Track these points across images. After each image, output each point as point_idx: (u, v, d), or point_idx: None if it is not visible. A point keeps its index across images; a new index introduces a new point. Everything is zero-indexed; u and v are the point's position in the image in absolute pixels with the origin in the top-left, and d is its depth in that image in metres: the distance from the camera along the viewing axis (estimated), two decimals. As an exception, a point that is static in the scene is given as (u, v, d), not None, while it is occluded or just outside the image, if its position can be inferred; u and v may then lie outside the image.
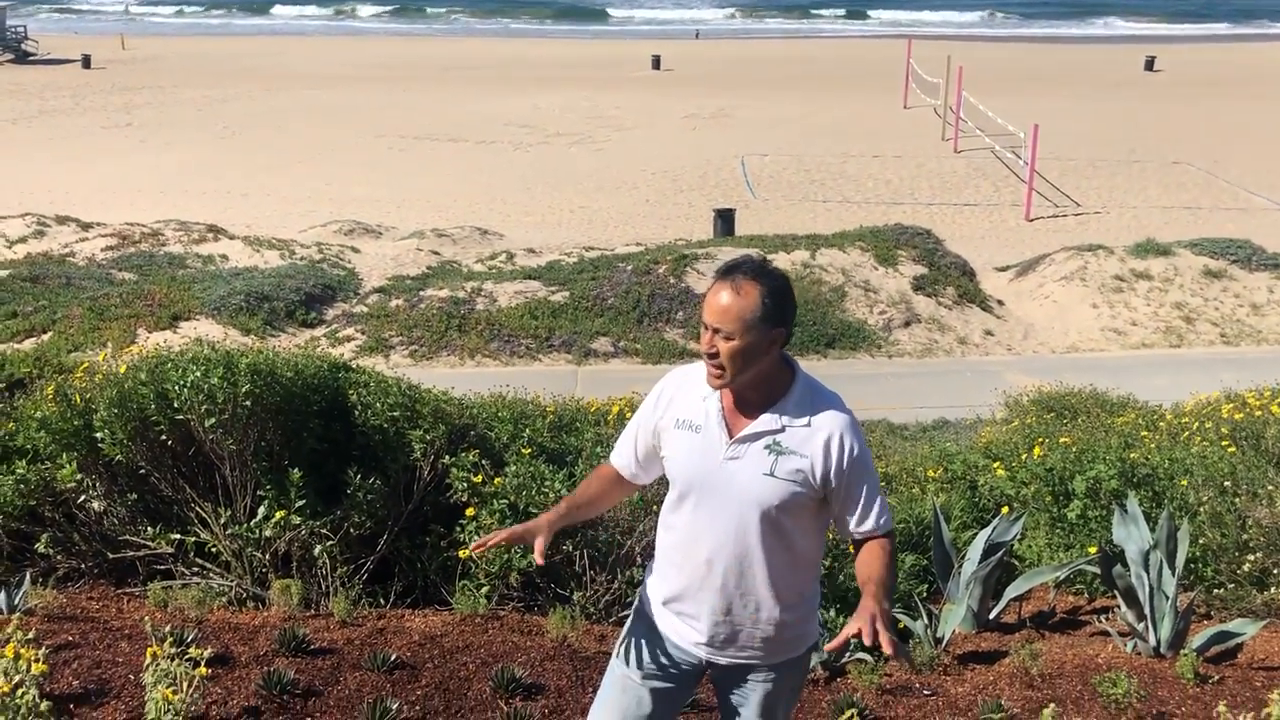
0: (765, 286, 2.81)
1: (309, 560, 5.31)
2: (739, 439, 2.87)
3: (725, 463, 2.87)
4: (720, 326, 2.79)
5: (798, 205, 29.73)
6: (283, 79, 52.14)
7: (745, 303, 2.77)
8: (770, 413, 2.87)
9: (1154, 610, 5.11)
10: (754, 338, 2.79)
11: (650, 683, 3.04)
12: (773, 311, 2.81)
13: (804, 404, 2.89)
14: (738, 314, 2.77)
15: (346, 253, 23.44)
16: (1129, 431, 8.31)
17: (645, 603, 3.11)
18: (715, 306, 2.81)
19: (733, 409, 2.91)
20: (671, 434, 2.97)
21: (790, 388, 2.90)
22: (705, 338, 2.84)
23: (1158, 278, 21.45)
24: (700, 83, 51.39)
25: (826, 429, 2.86)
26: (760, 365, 2.84)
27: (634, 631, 3.10)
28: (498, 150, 36.54)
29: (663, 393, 3.03)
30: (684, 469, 2.93)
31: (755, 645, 2.99)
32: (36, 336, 17.79)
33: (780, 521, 2.87)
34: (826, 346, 19.09)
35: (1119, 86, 50.15)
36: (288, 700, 4.25)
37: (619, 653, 3.12)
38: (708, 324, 2.82)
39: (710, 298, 2.83)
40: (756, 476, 2.85)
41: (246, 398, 5.17)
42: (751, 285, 2.79)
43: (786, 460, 2.84)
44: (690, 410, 2.95)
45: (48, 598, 5.06)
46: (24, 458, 5.45)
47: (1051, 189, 30.98)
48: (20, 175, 31.85)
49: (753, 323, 2.78)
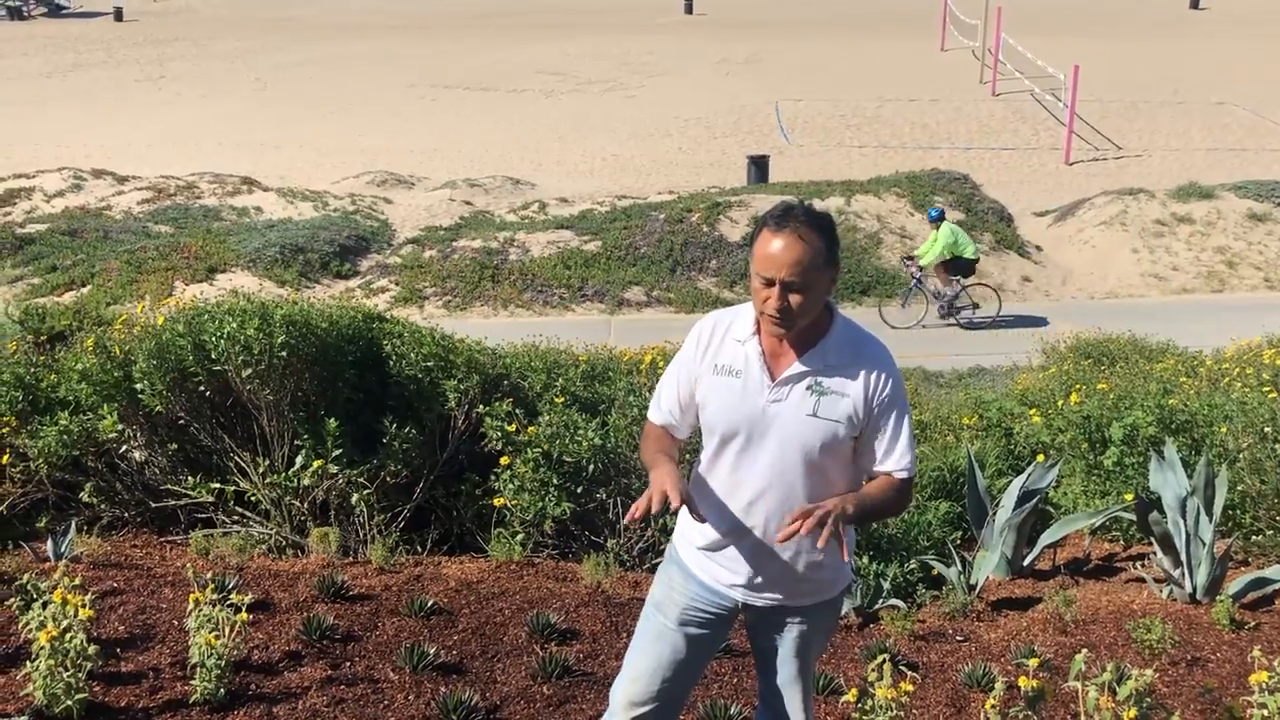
0: (822, 230, 2.76)
1: (346, 508, 5.38)
2: (781, 381, 2.85)
3: (768, 405, 2.85)
4: (790, 279, 2.72)
5: (832, 151, 29.39)
6: (315, 29, 51.98)
7: (810, 250, 2.72)
8: (812, 353, 2.85)
9: (1190, 557, 5.08)
10: (822, 284, 2.77)
11: (686, 629, 3.06)
12: (833, 254, 2.79)
13: (844, 344, 2.87)
14: (807, 263, 2.72)
15: (379, 204, 23.48)
16: (1168, 378, 8.23)
17: (679, 549, 3.13)
18: (781, 259, 2.72)
19: (774, 352, 2.88)
20: (710, 380, 2.93)
21: (830, 328, 2.88)
22: (767, 293, 2.75)
23: (1200, 221, 21.08)
24: (733, 27, 50.70)
25: (867, 367, 2.85)
26: (815, 310, 2.82)
27: (668, 577, 3.12)
28: (529, 99, 36.33)
29: (700, 338, 2.99)
30: (725, 414, 2.90)
31: (792, 586, 3.01)
32: (76, 290, 18.01)
33: (822, 463, 2.86)
34: (861, 294, 18.96)
35: (1162, 26, 48.98)
36: (327, 645, 4.32)
37: (653, 599, 3.14)
38: (771, 277, 2.73)
39: (770, 250, 2.73)
40: (800, 417, 2.84)
41: (282, 348, 5.22)
42: (810, 231, 2.73)
43: (829, 400, 2.83)
44: (729, 355, 2.92)
45: (93, 545, 5.17)
46: (66, 409, 5.54)
47: (1091, 132, 30.42)
48: (56, 129, 32.06)
49: (819, 269, 2.74)
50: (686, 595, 3.05)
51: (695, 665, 3.14)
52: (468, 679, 4.17)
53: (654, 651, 3.07)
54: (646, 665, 3.08)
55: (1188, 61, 40.19)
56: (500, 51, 44.69)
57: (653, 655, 3.07)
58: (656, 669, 3.07)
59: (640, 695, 3.08)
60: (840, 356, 2.86)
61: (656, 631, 3.09)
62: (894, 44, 44.89)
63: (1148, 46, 43.32)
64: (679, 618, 3.06)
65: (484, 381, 5.70)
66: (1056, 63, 33.22)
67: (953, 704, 4.21)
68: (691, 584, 3.06)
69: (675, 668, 3.08)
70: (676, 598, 3.07)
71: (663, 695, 3.08)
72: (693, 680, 3.18)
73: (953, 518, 6.09)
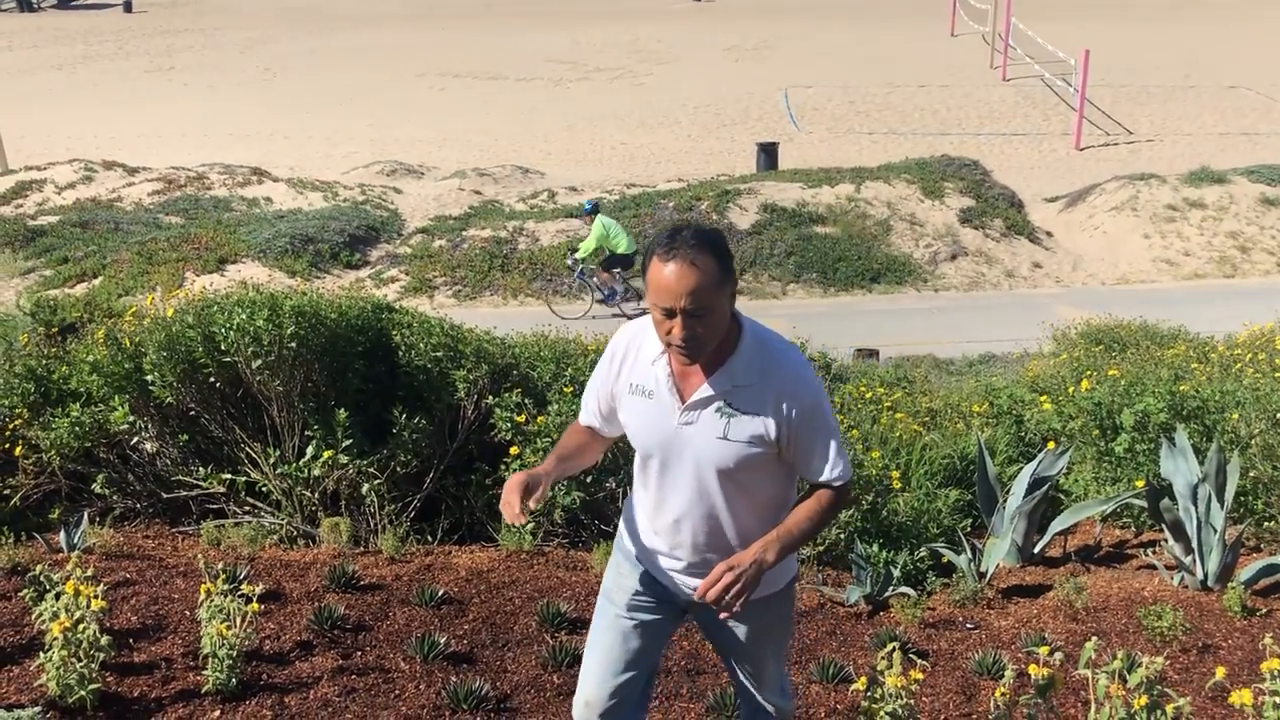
0: (713, 249, 2.63)
1: (357, 498, 5.40)
2: (690, 405, 2.77)
3: (680, 428, 2.79)
4: (689, 307, 2.59)
5: (842, 138, 29.30)
6: (324, 20, 51.97)
7: (703, 275, 2.59)
8: (719, 374, 2.75)
9: (1201, 543, 5.07)
10: (721, 304, 2.66)
11: (635, 615, 3.04)
12: (726, 270, 2.66)
13: (753, 360, 2.76)
14: (703, 287, 2.59)
15: (389, 194, 23.49)
16: (1179, 364, 8.19)
17: (624, 538, 3.11)
18: (676, 289, 2.58)
19: (682, 373, 2.80)
20: (626, 399, 2.88)
21: (738, 343, 2.76)
22: (670, 324, 2.63)
23: (1212, 206, 20.97)
24: (743, 13, 50.52)
25: (776, 385, 2.75)
26: (722, 330, 2.71)
27: (616, 566, 3.11)
28: (538, 87, 36.28)
29: (614, 355, 2.92)
30: (641, 434, 2.86)
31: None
32: (87, 281, 18.07)
33: (740, 478, 2.81)
34: (872, 281, 18.92)
35: (1175, 8, 48.65)
36: (338, 635, 4.34)
37: (604, 590, 3.13)
38: (671, 308, 2.61)
39: (663, 280, 2.59)
40: (710, 441, 2.76)
41: (292, 339, 5.23)
42: (700, 254, 2.60)
43: (739, 422, 2.75)
44: (641, 374, 2.85)
45: (105, 536, 5.20)
46: (78, 400, 5.56)
47: (1103, 117, 30.27)
48: (66, 121, 32.14)
49: (716, 289, 2.62)
50: (634, 582, 3.04)
51: (647, 656, 3.10)
52: (478, 668, 4.19)
53: (605, 643, 3.07)
54: (599, 660, 3.07)
55: (1200, 45, 39.93)
56: (509, 40, 44.63)
57: (604, 648, 3.07)
58: (609, 662, 3.06)
59: (595, 693, 3.06)
60: (749, 375, 2.75)
61: (608, 622, 3.08)
62: (904, 29, 44.69)
63: (1160, 30, 43.04)
64: (628, 604, 3.04)
65: (493, 371, 5.70)
66: (1067, 47, 33.05)
67: (963, 692, 4.21)
68: (638, 571, 3.05)
69: (627, 658, 3.05)
70: (625, 584, 3.05)
71: (619, 692, 3.06)
72: (647, 674, 3.14)
73: (963, 505, 6.08)
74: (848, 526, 5.42)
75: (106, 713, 3.69)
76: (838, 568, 5.47)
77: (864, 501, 5.60)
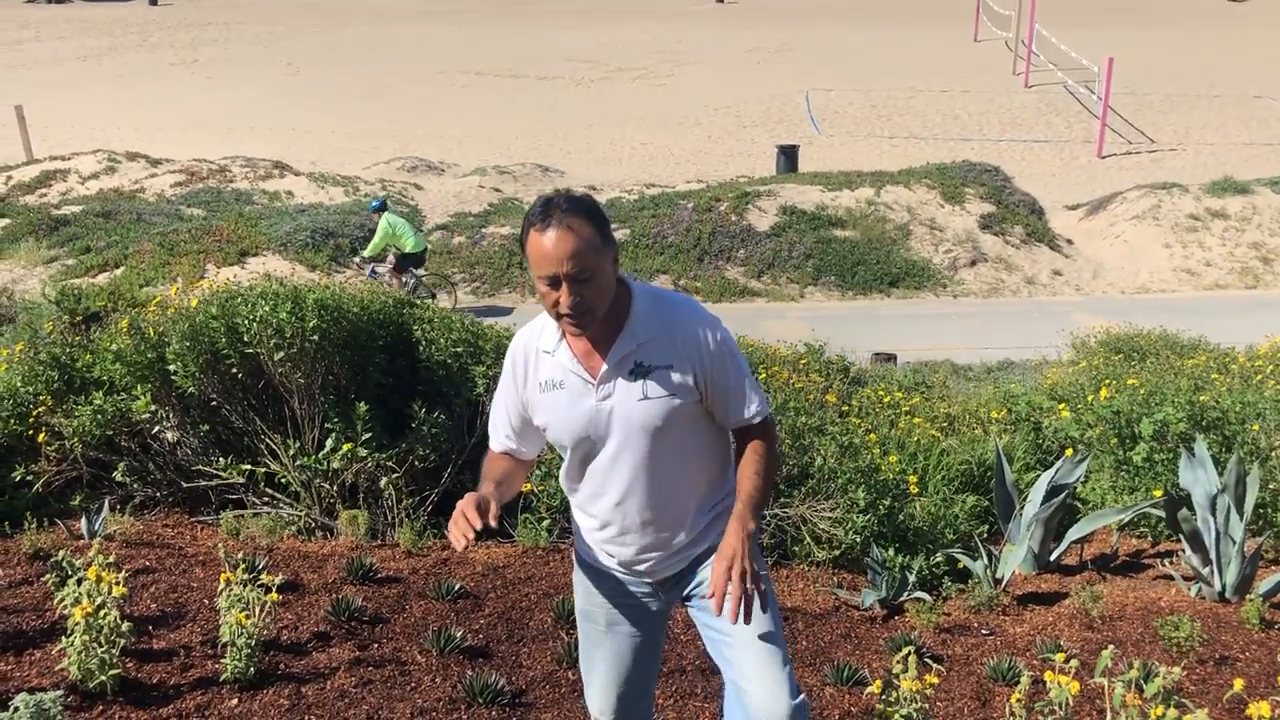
0: (588, 213, 2.62)
1: (375, 492, 5.43)
2: (603, 377, 2.74)
3: (600, 405, 2.75)
4: (571, 270, 2.58)
5: (863, 141, 29.25)
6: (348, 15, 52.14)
7: (580, 237, 2.58)
8: (621, 338, 2.73)
9: (1220, 554, 5.05)
10: (605, 268, 2.64)
11: (617, 629, 3.00)
12: (605, 234, 2.65)
13: (651, 314, 2.75)
14: (583, 249, 2.58)
15: (410, 189, 23.57)
16: (1199, 374, 8.16)
17: (580, 552, 3.04)
18: (556, 254, 2.57)
19: (585, 352, 2.76)
20: (538, 399, 2.82)
21: (630, 305, 2.75)
22: (556, 294, 2.62)
23: (1234, 217, 20.85)
24: (764, 15, 50.47)
25: (679, 331, 2.74)
26: (610, 294, 2.70)
27: (583, 584, 3.04)
28: (559, 86, 36.33)
29: (514, 363, 2.87)
30: (564, 427, 2.80)
31: (694, 543, 2.91)
32: (110, 271, 18.18)
33: (674, 438, 2.77)
34: (890, 285, 18.88)
35: (1200, 17, 48.36)
36: (355, 626, 4.37)
37: (579, 610, 3.08)
38: (555, 274, 2.59)
39: (543, 249, 2.58)
40: (633, 405, 2.73)
41: (314, 332, 5.26)
42: (575, 218, 2.59)
43: (656, 377, 2.73)
44: (547, 370, 2.80)
45: (125, 524, 5.24)
46: (101, 389, 5.60)
47: (1125, 125, 30.12)
48: (91, 112, 32.35)
49: (597, 251, 2.61)
50: (604, 595, 2.99)
51: (645, 661, 3.08)
52: (494, 663, 4.21)
53: (598, 660, 3.04)
54: (598, 674, 3.06)
55: (1225, 54, 39.69)
56: (532, 38, 44.70)
57: (599, 664, 3.05)
58: (607, 676, 3.04)
59: (602, 704, 3.07)
60: (650, 329, 2.73)
61: (594, 641, 3.04)
62: (927, 34, 44.57)
63: (1184, 39, 42.80)
64: (606, 620, 3.00)
65: (512, 368, 5.72)
66: (1090, 54, 32.91)
67: (977, 697, 4.21)
68: (604, 583, 2.98)
69: (624, 670, 3.04)
70: (597, 600, 3.00)
71: (625, 698, 3.06)
72: (650, 673, 3.13)
73: (979, 511, 6.07)
74: (864, 531, 5.42)
75: (126, 698, 3.72)
76: (853, 571, 5.47)
77: (880, 505, 5.60)
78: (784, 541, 5.49)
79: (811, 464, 5.72)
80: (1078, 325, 14.53)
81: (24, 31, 49.70)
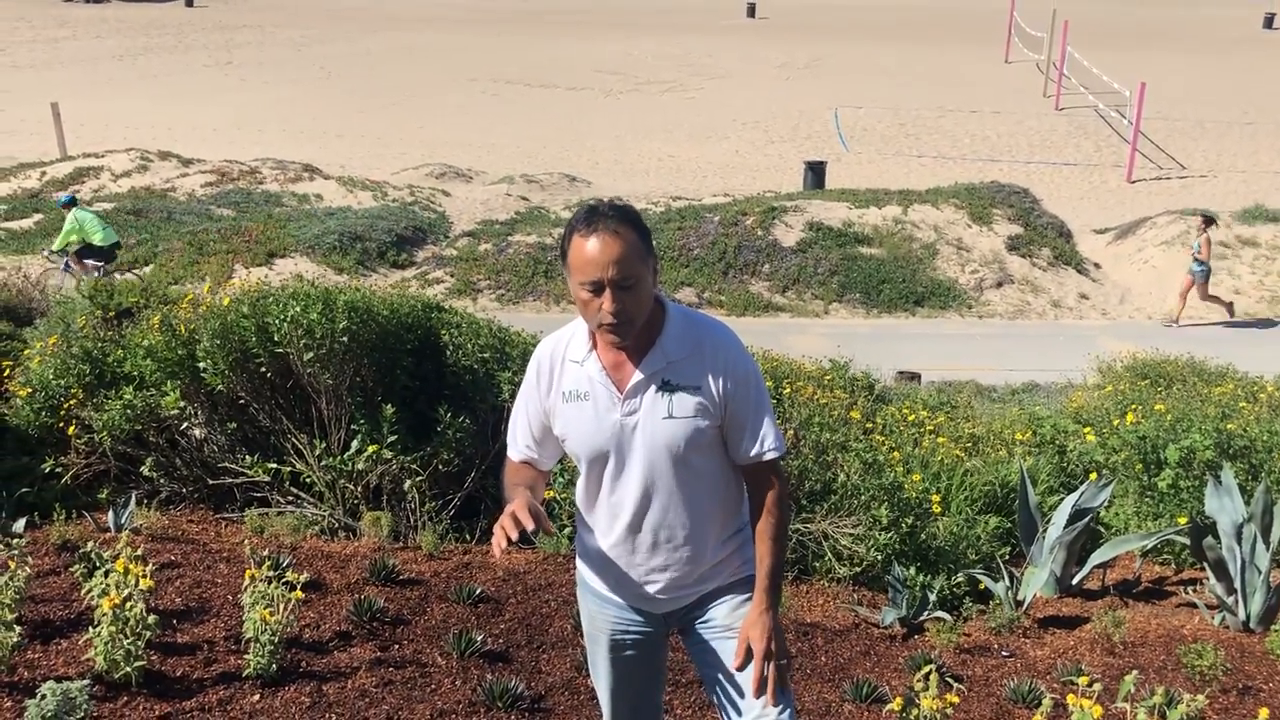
0: (633, 222, 2.63)
1: (399, 494, 5.46)
2: (629, 391, 2.72)
3: (624, 420, 2.72)
4: (616, 277, 2.57)
5: (891, 160, 29.21)
6: (381, 20, 52.54)
7: (627, 244, 2.59)
8: (652, 354, 2.71)
9: (1245, 584, 5.01)
10: (647, 277, 2.64)
11: (621, 654, 2.99)
12: (648, 244, 2.66)
13: (683, 335, 2.74)
14: (629, 257, 2.58)
15: (437, 196, 23.69)
16: (1227, 402, 8.10)
17: (585, 577, 3.01)
18: (601, 259, 2.57)
19: (614, 364, 2.74)
20: (561, 409, 2.79)
21: (664, 323, 2.74)
22: (598, 301, 2.60)
23: (1265, 245, 20.69)
24: (795, 31, 50.54)
25: (711, 353, 2.73)
26: (648, 306, 2.68)
27: (586, 609, 3.03)
28: (588, 96, 36.46)
29: (539, 370, 2.83)
30: (585, 439, 2.77)
31: (704, 579, 2.89)
32: (139, 269, 18.35)
33: (693, 461, 2.75)
34: (915, 305, 18.83)
35: (1234, 44, 48.11)
36: (377, 627, 4.39)
37: (584, 632, 3.08)
38: (598, 280, 2.58)
39: (587, 254, 2.58)
40: (658, 422, 2.71)
41: (344, 334, 5.30)
42: (621, 226, 2.60)
43: (682, 397, 2.71)
44: (572, 380, 2.77)
45: (152, 519, 5.29)
46: (131, 384, 5.66)
47: (1156, 150, 29.96)
48: (125, 111, 32.69)
49: (641, 260, 2.62)
50: (608, 621, 2.97)
51: (649, 681, 3.09)
52: (513, 667, 4.22)
53: (606, 680, 3.05)
54: (604, 690, 3.08)
55: (1259, 81, 39.45)
56: (562, 48, 44.90)
57: (607, 684, 3.06)
58: (614, 693, 3.06)
59: (611, 715, 3.10)
60: (682, 349, 2.73)
61: (602, 660, 3.04)
62: (957, 53, 44.51)
63: (1217, 65, 42.58)
64: (609, 645, 2.99)
65: (539, 375, 5.74)
66: (1122, 78, 32.77)
67: (997, 719, 4.19)
68: (609, 609, 2.96)
69: (630, 690, 3.05)
70: (601, 625, 2.99)
71: (633, 712, 3.09)
72: (655, 689, 3.14)
73: (1002, 533, 6.04)
74: (886, 549, 5.41)
75: (150, 690, 3.75)
76: (873, 589, 5.45)
77: (903, 524, 5.59)
78: (805, 557, 5.49)
79: (834, 480, 5.72)
80: (1104, 350, 14.45)
81: (61, 30, 50.32)
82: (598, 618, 2.99)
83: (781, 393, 7.01)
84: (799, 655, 4.63)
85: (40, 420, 5.65)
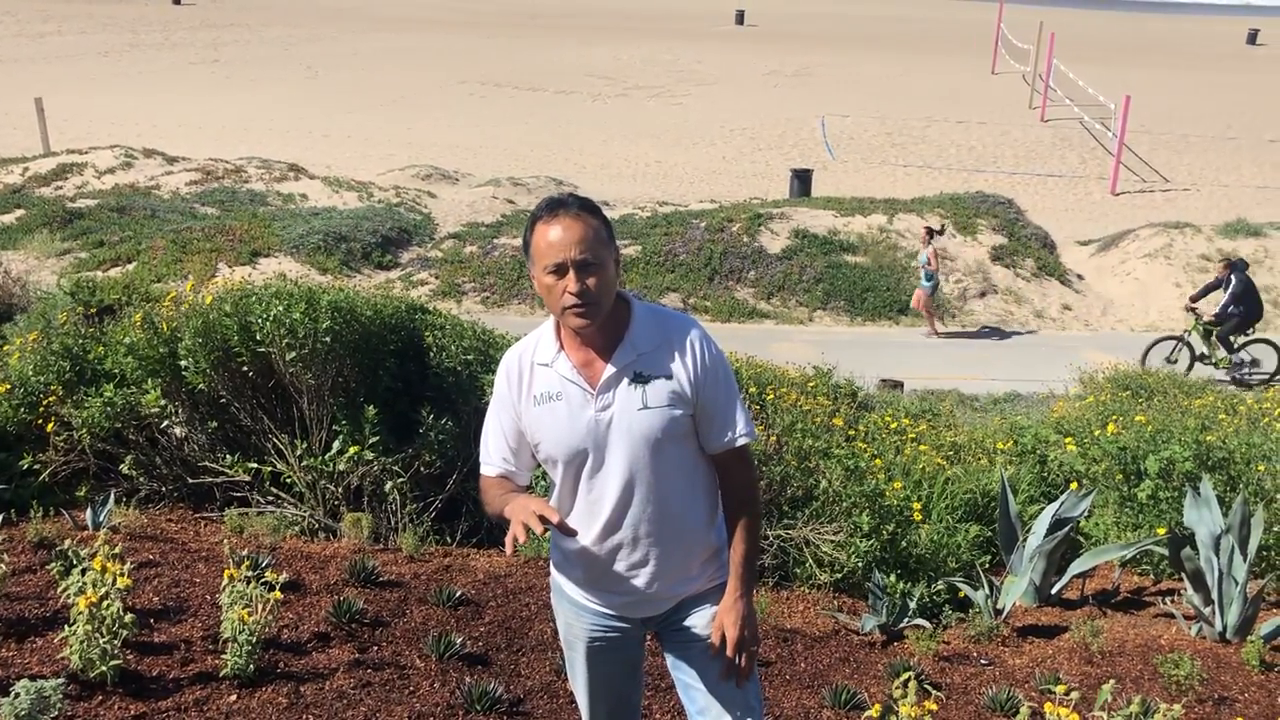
0: (594, 211, 2.68)
1: (380, 495, 5.44)
2: (602, 386, 2.73)
3: (598, 415, 2.73)
4: (579, 256, 2.62)
5: (876, 168, 29.31)
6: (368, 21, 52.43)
7: (589, 228, 2.65)
8: (621, 348, 2.74)
9: (1222, 595, 5.04)
10: (610, 263, 2.69)
11: (598, 657, 2.99)
12: (610, 231, 2.72)
13: (651, 327, 2.77)
14: (591, 239, 2.64)
15: (423, 197, 23.64)
16: (1207, 414, 8.15)
17: (560, 583, 3.01)
18: (565, 240, 2.62)
19: (584, 362, 2.76)
20: (534, 413, 2.78)
21: (630, 318, 2.77)
22: (561, 283, 2.64)
23: (1246, 258, 20.83)
24: (783, 39, 50.68)
25: (679, 341, 2.76)
26: (612, 294, 2.72)
27: (562, 613, 3.03)
28: (576, 100, 36.47)
29: (509, 377, 2.83)
30: (561, 440, 2.76)
31: (684, 584, 2.89)
32: (122, 266, 18.25)
33: (670, 452, 2.76)
34: (899, 313, 18.88)
35: (1218, 59, 48.49)
36: (356, 629, 4.37)
37: (561, 636, 3.08)
38: (561, 262, 2.62)
39: (550, 238, 2.63)
40: (634, 414, 2.72)
41: (326, 334, 5.28)
42: (583, 213, 2.67)
43: (655, 387, 2.73)
44: (543, 382, 2.78)
45: (130, 517, 5.25)
46: (111, 381, 5.62)
47: (1140, 163, 30.16)
48: (110, 108, 32.53)
49: (604, 244, 2.67)
50: (583, 626, 2.97)
51: (628, 684, 3.10)
52: (492, 670, 4.21)
53: (585, 684, 3.06)
54: (585, 697, 3.09)
55: (1243, 97, 39.76)
56: (552, 52, 44.90)
57: (585, 688, 3.07)
58: (592, 696, 3.07)
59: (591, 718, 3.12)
60: (650, 341, 2.75)
61: (578, 667, 3.05)
62: (945, 64, 44.71)
63: (1202, 80, 42.90)
64: (586, 650, 2.99)
65: (522, 378, 5.73)
66: (1107, 92, 32.99)
67: (974, 727, 4.20)
68: (585, 615, 2.96)
69: (609, 694, 3.06)
70: (577, 630, 2.98)
71: (611, 715, 3.10)
72: (634, 693, 3.14)
73: (982, 541, 6.06)
74: (867, 556, 5.42)
75: (125, 689, 3.73)
76: (853, 595, 5.46)
77: (884, 531, 5.60)
78: (786, 563, 5.49)
79: (816, 486, 5.73)
80: (1086, 361, 14.53)
81: (46, 25, 50.06)
82: (575, 625, 2.99)
83: (765, 399, 7.02)
84: (778, 661, 4.63)
85: (19, 417, 5.61)
